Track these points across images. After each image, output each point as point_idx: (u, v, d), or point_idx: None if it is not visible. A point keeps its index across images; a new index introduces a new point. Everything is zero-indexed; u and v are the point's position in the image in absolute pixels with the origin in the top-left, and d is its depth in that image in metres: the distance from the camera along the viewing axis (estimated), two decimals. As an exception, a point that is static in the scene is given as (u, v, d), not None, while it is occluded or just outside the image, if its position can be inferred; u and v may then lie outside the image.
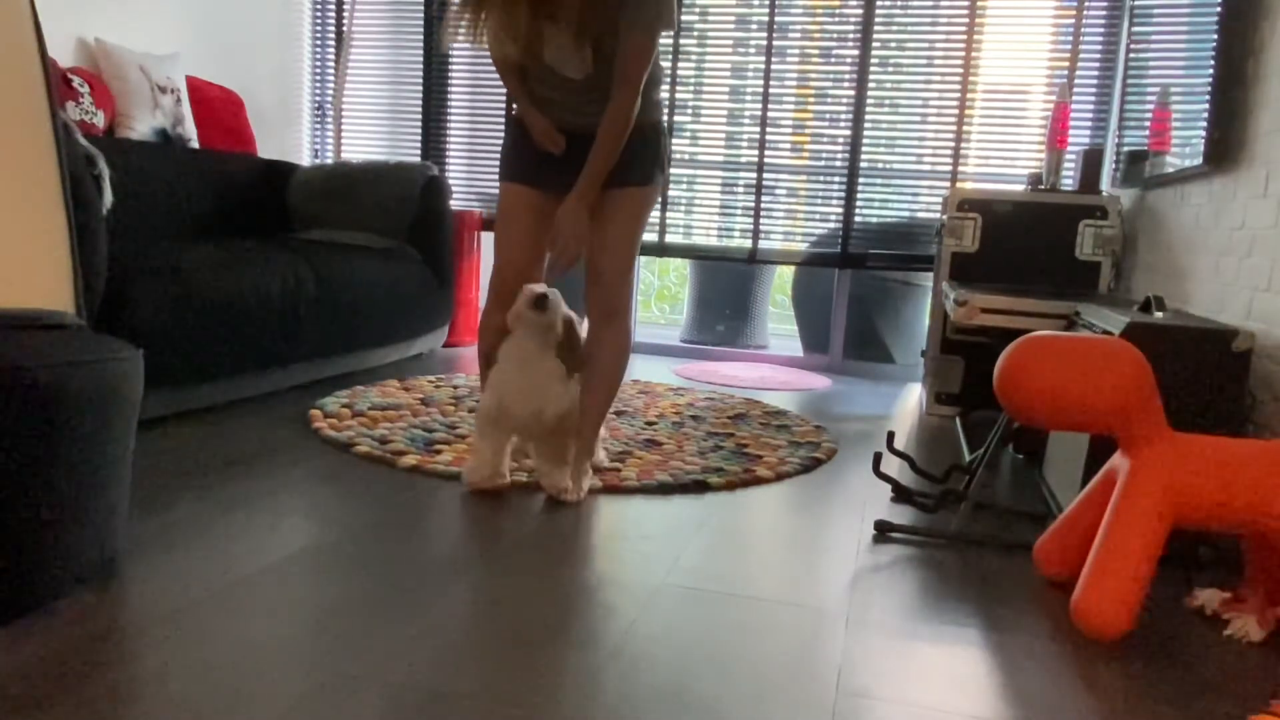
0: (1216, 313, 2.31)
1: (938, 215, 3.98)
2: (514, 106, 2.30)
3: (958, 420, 3.35)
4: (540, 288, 2.07)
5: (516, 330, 2.10)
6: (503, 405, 2.08)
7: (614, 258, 2.18)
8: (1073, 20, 3.84)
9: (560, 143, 2.17)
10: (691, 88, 4.33)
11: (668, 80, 4.27)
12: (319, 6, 4.66)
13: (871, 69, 4.07)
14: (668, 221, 4.39)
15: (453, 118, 4.59)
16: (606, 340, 2.21)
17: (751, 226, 4.29)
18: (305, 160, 4.72)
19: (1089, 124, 3.83)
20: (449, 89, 4.57)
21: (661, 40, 2.17)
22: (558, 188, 2.18)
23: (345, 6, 4.56)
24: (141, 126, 3.38)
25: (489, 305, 2.26)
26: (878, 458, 2.30)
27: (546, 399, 2.07)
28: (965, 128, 4.01)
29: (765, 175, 4.26)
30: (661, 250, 4.46)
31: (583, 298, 2.23)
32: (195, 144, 3.63)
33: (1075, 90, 3.82)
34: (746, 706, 1.27)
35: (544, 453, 2.14)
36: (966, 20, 3.95)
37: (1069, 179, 3.49)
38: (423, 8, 4.50)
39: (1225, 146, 2.32)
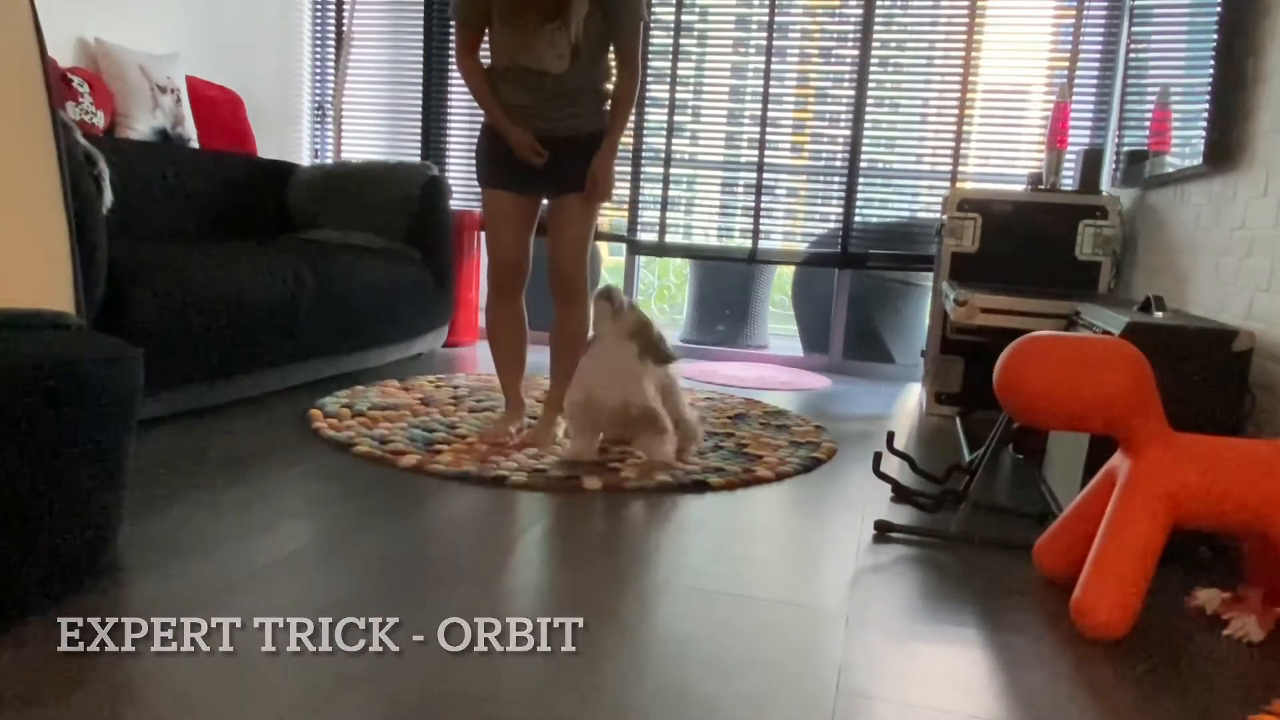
0: (1216, 313, 2.31)
1: (938, 215, 3.98)
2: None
3: (958, 420, 3.35)
4: (607, 286, 2.43)
5: (599, 330, 2.41)
6: (591, 397, 2.35)
7: (571, 253, 2.53)
8: (1073, 20, 3.84)
9: (543, 154, 2.41)
10: (691, 88, 4.33)
11: (667, 80, 4.27)
12: (319, 6, 4.66)
13: (871, 69, 4.06)
14: (668, 221, 4.39)
15: (453, 118, 4.59)
16: (570, 318, 2.60)
17: (751, 226, 4.29)
18: (305, 160, 4.72)
19: (1089, 124, 3.83)
20: (449, 89, 4.57)
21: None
22: (535, 190, 2.52)
23: (345, 6, 4.56)
24: (141, 126, 3.38)
25: (491, 297, 2.60)
26: (878, 458, 2.30)
27: (631, 392, 2.34)
28: (965, 128, 4.01)
29: (765, 175, 4.25)
30: (661, 250, 4.46)
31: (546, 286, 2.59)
32: (195, 144, 3.63)
33: (1075, 90, 3.82)
34: (746, 706, 1.27)
35: (640, 436, 2.42)
36: (966, 20, 3.95)
37: (1069, 179, 3.49)
38: (423, 8, 4.50)
39: (1225, 146, 2.32)
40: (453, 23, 2.51)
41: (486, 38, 2.46)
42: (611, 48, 2.46)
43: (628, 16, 2.38)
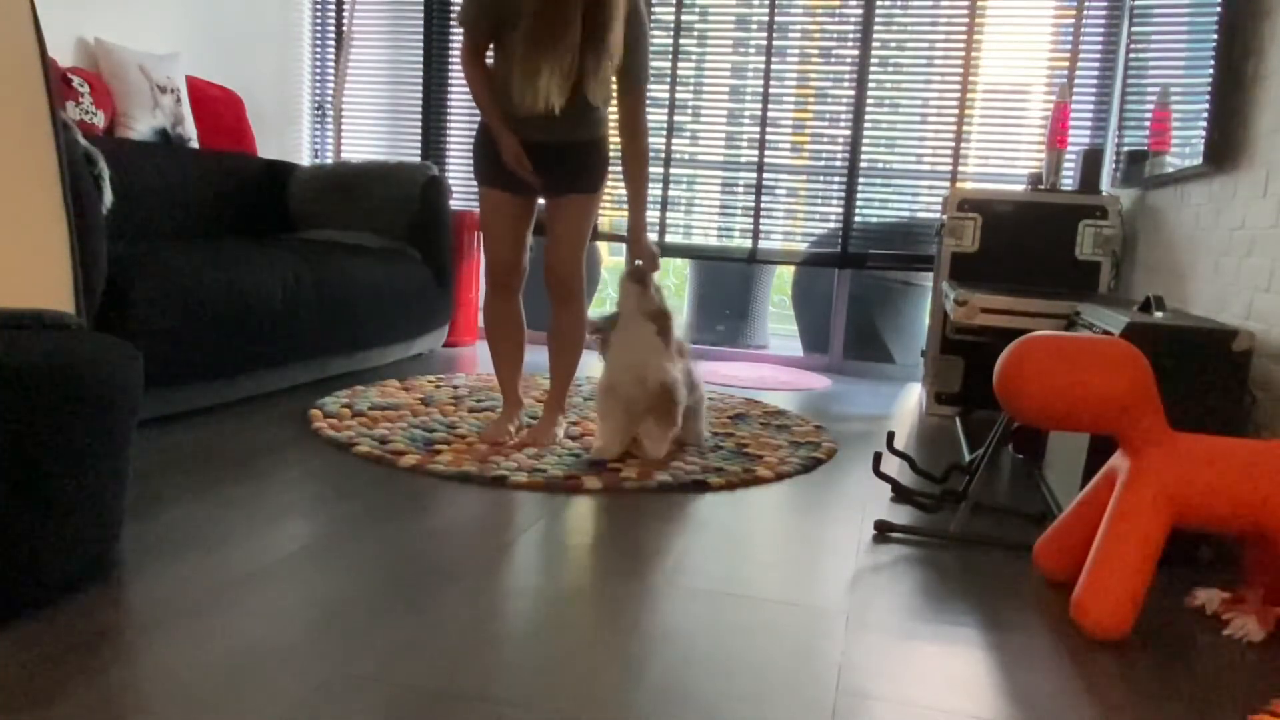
0: (1216, 313, 2.31)
1: (938, 215, 3.98)
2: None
3: (958, 420, 3.35)
4: (637, 266, 2.53)
5: (622, 310, 2.50)
6: (613, 378, 2.44)
7: (567, 253, 2.54)
8: (1073, 20, 3.84)
9: (529, 166, 2.43)
10: (691, 88, 4.33)
11: (667, 80, 4.27)
12: (319, 6, 4.66)
13: (871, 69, 4.07)
14: (668, 221, 4.39)
15: (453, 118, 4.59)
16: (566, 318, 2.61)
17: (751, 226, 4.29)
18: (305, 160, 4.72)
19: (1089, 124, 3.83)
20: (449, 89, 4.57)
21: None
22: (528, 191, 2.53)
23: (345, 6, 4.56)
24: (141, 126, 3.38)
25: (489, 296, 2.62)
26: (878, 458, 2.30)
27: (649, 365, 2.43)
28: (965, 128, 4.01)
29: (765, 175, 4.25)
30: (661, 250, 4.45)
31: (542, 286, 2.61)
32: (195, 144, 3.63)
33: (1075, 90, 3.82)
34: (746, 706, 1.27)
35: (649, 420, 2.46)
36: (966, 20, 3.95)
37: (1069, 179, 3.49)
38: (423, 8, 4.50)
39: (1225, 146, 2.32)
40: (458, 25, 2.48)
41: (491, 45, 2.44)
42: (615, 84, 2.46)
43: (636, 81, 2.43)
